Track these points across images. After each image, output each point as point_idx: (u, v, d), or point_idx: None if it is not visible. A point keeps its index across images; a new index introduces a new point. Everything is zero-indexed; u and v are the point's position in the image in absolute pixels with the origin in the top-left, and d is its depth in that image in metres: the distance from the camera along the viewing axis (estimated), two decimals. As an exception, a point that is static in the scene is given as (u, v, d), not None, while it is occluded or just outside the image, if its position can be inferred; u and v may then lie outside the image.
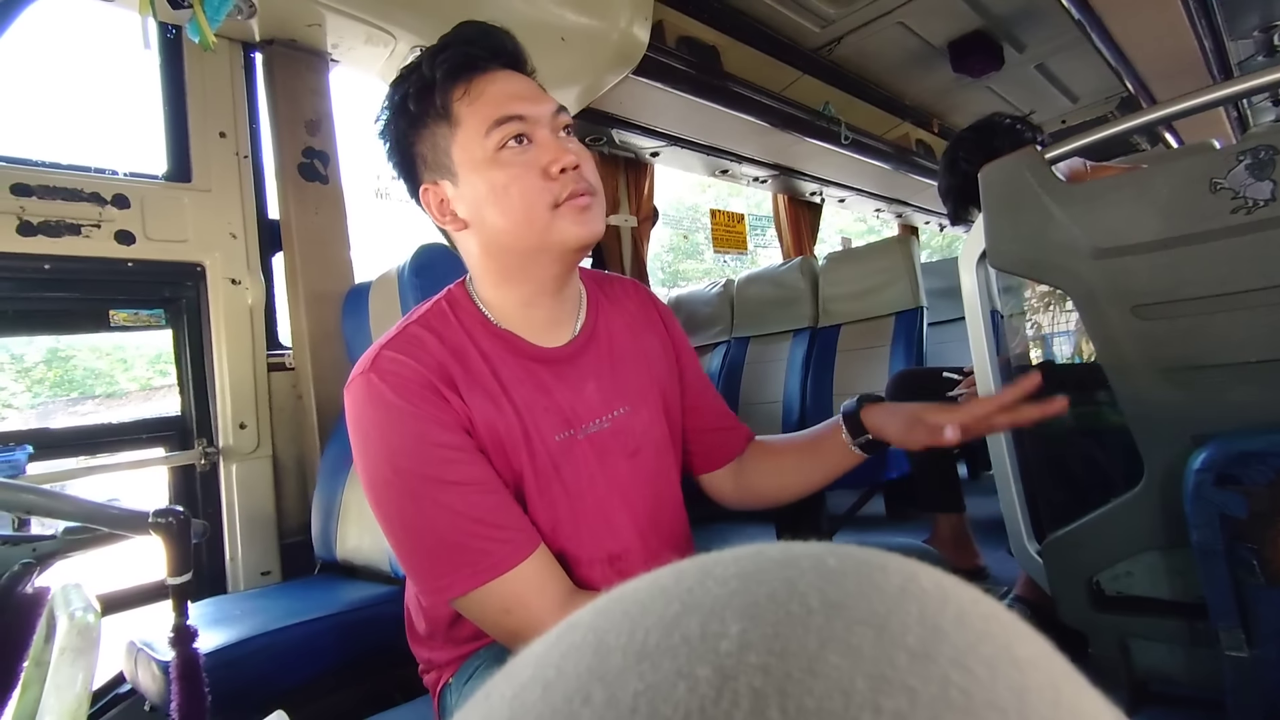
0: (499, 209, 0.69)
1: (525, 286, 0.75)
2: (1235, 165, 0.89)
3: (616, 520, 0.78)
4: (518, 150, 0.69)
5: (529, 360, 0.76)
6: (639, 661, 0.12)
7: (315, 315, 1.76)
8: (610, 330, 0.84)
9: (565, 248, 0.71)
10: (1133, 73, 2.97)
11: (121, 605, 1.50)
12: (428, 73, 0.70)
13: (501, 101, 0.69)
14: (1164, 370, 0.96)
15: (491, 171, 0.69)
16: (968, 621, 0.13)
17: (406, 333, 0.72)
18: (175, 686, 0.94)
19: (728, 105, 2.46)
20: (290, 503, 1.76)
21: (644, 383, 0.84)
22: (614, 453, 0.78)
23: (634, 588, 0.15)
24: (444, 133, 0.70)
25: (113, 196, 1.53)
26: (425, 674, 0.83)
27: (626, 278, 0.95)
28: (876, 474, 1.89)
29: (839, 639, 0.12)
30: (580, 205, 0.70)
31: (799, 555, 0.14)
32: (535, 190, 0.69)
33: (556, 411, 0.75)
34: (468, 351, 0.73)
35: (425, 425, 0.67)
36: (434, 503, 0.66)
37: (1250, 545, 0.82)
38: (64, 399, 9.18)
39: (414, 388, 0.67)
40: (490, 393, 0.72)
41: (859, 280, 2.47)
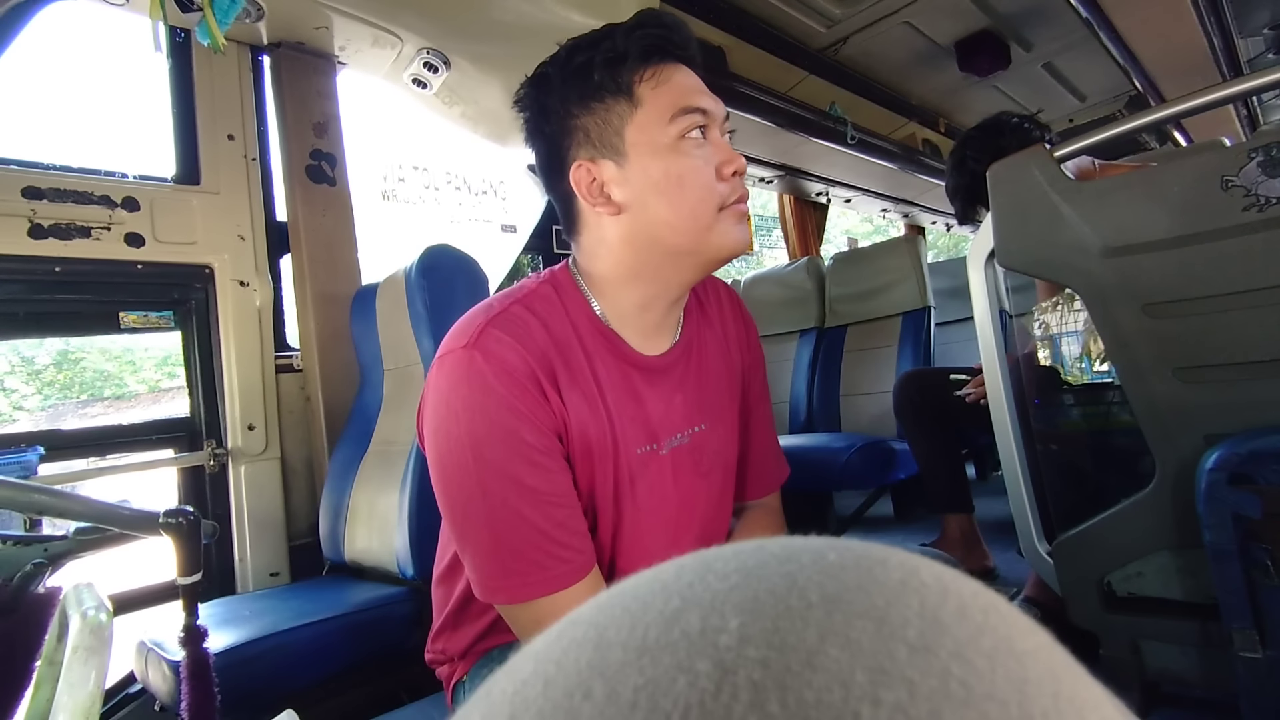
0: (668, 199, 0.67)
1: (653, 286, 0.72)
2: (1247, 163, 0.88)
3: (678, 539, 0.76)
4: (698, 143, 0.68)
5: (627, 365, 0.73)
6: (639, 656, 0.12)
7: (323, 317, 1.77)
8: (703, 342, 0.81)
9: (719, 252, 0.69)
10: (1141, 71, 2.95)
11: (132, 605, 1.51)
12: (621, 46, 0.67)
13: (688, 92, 0.68)
14: (1176, 369, 0.95)
15: (670, 159, 0.67)
16: (968, 615, 0.13)
17: (511, 312, 0.68)
18: (185, 686, 0.94)
19: (733, 106, 2.46)
20: (299, 504, 1.76)
21: (725, 400, 0.82)
22: (688, 471, 0.76)
23: (634, 584, 0.15)
24: (621, 111, 0.68)
25: (122, 199, 1.54)
26: (439, 666, 0.83)
27: (723, 282, 0.89)
28: (885, 475, 1.88)
29: (838, 632, 0.12)
30: (742, 212, 0.69)
31: (799, 550, 0.14)
32: (708, 187, 0.67)
33: (644, 423, 0.73)
34: (571, 344, 0.69)
35: (520, 421, 0.64)
36: (504, 502, 0.63)
37: (1265, 546, 0.81)
38: (73, 401, 9.25)
39: (517, 377, 0.64)
40: (588, 394, 0.69)
41: (866, 280, 2.46)
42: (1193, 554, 0.95)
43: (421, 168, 2.17)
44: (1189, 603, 0.96)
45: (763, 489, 0.89)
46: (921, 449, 1.81)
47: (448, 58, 1.86)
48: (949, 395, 1.72)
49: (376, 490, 1.50)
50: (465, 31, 1.81)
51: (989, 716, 0.11)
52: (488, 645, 0.77)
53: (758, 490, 0.89)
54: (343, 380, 1.76)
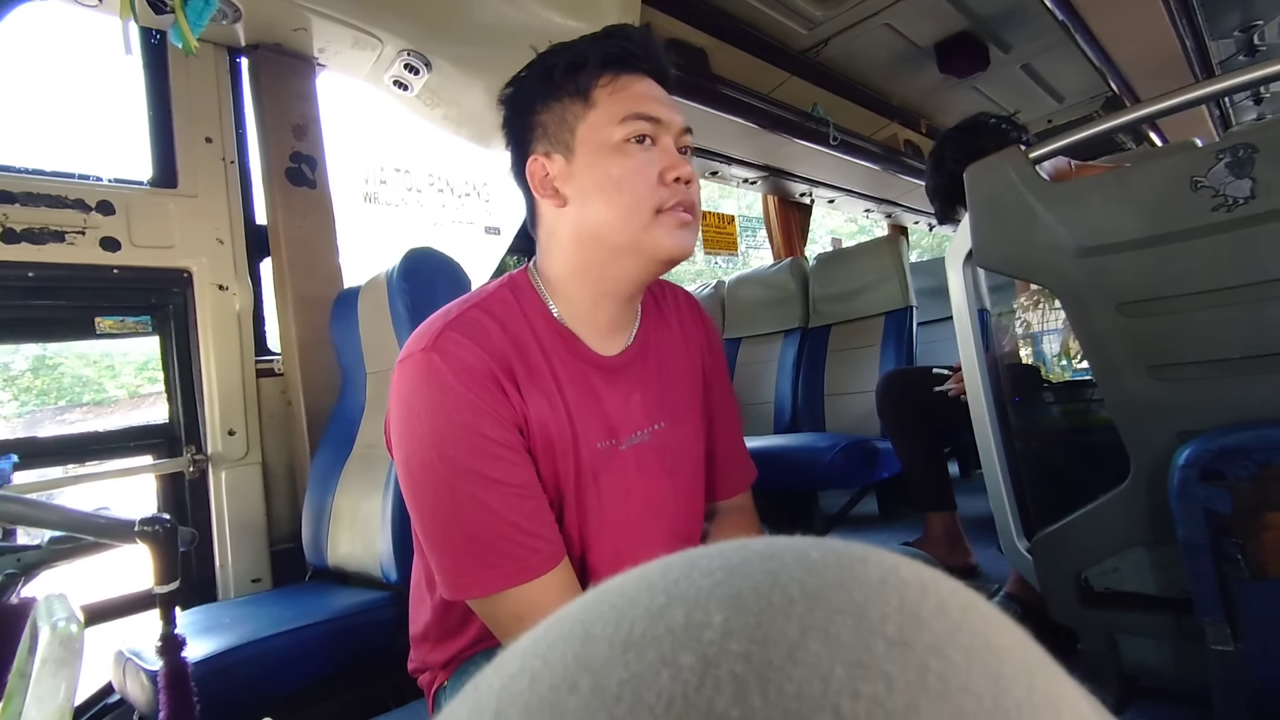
0: (606, 197, 0.70)
1: (600, 283, 0.74)
2: (1215, 164, 0.90)
3: (647, 535, 0.77)
4: (642, 148, 0.71)
5: (585, 363, 0.75)
6: (624, 651, 0.13)
7: (304, 321, 1.75)
8: (661, 343, 0.83)
9: (655, 255, 0.71)
10: (1116, 72, 3.00)
11: (110, 614, 1.49)
12: (584, 52, 0.72)
13: (641, 99, 0.72)
14: (1149, 367, 0.97)
15: (612, 158, 0.70)
16: (946, 611, 0.13)
17: (468, 315, 0.70)
18: (163, 696, 0.93)
19: (716, 107, 2.47)
20: (280, 509, 1.74)
21: (686, 399, 0.83)
22: (652, 469, 0.78)
23: (621, 581, 0.15)
24: (576, 110, 0.72)
25: (97, 203, 1.52)
26: (419, 675, 0.83)
27: (678, 286, 0.93)
28: (869, 474, 1.90)
29: (819, 627, 0.12)
30: (682, 219, 0.71)
31: (782, 548, 0.15)
32: (646, 189, 0.70)
33: (603, 419, 0.75)
34: (528, 343, 0.72)
35: (480, 417, 0.66)
36: (471, 497, 0.65)
37: (1235, 540, 0.82)
38: (51, 407, 9.09)
39: (476, 375, 0.66)
40: (547, 391, 0.71)
41: (849, 280, 2.48)
42: (1166, 549, 0.96)
43: (404, 170, 2.16)
44: (1164, 597, 0.98)
45: (731, 489, 0.91)
46: (904, 448, 1.83)
47: (429, 60, 1.85)
48: (931, 394, 1.74)
49: (359, 495, 1.49)
50: (446, 33, 1.80)
51: (965, 710, 0.11)
52: (469, 653, 0.77)
53: (727, 490, 0.90)
54: (324, 384, 1.75)
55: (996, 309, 1.43)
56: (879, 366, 2.24)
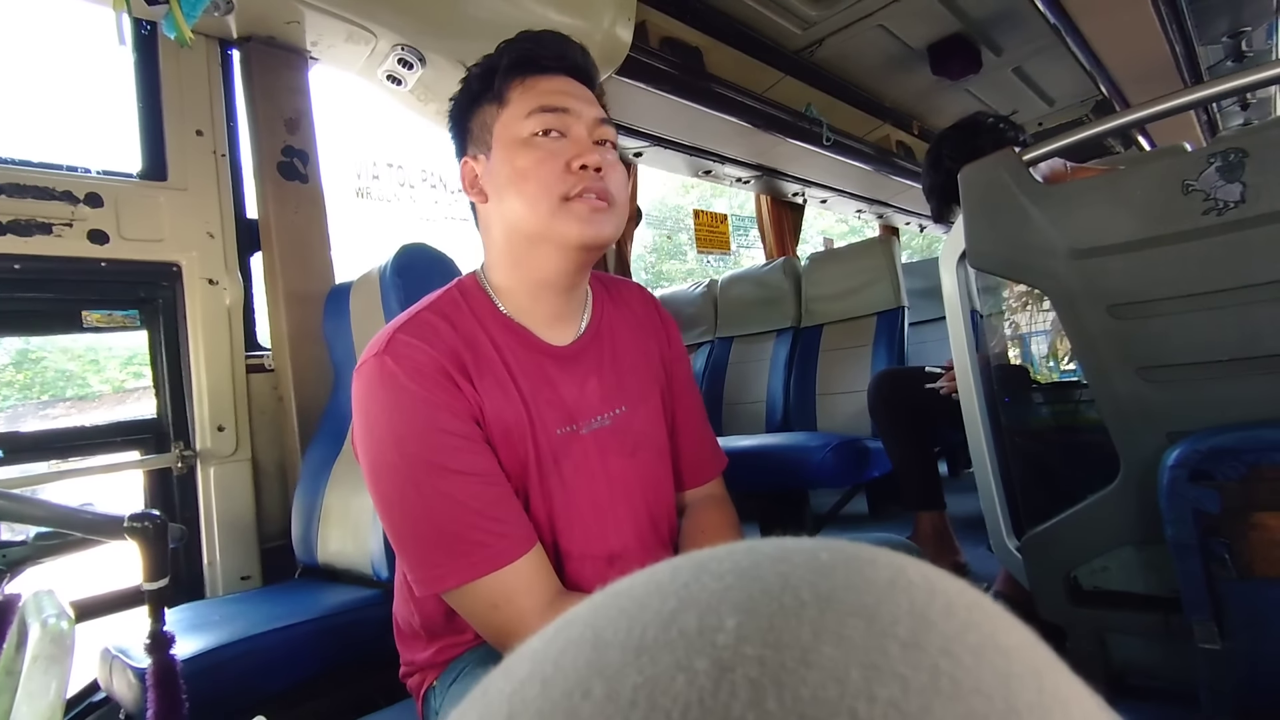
0: (515, 189, 0.72)
1: (531, 275, 0.76)
2: (1206, 168, 0.91)
3: (615, 519, 0.78)
4: (549, 140, 0.73)
5: (537, 353, 0.77)
6: (638, 656, 0.13)
7: (295, 316, 1.74)
8: (614, 329, 0.85)
9: (565, 241, 0.72)
10: (1107, 76, 3.03)
11: (96, 612, 1.47)
12: (494, 59, 0.76)
13: (549, 93, 0.74)
14: (1139, 369, 0.98)
15: (521, 152, 0.72)
16: (954, 612, 0.13)
17: (419, 318, 0.73)
18: (151, 694, 0.92)
19: (711, 106, 2.47)
20: (271, 506, 1.73)
21: (645, 383, 0.85)
22: (614, 451, 0.79)
23: (630, 584, 0.15)
24: (492, 111, 0.76)
25: (85, 195, 1.50)
26: (409, 676, 0.82)
27: (633, 282, 0.95)
28: (859, 473, 1.90)
29: (831, 630, 0.12)
30: (591, 204, 0.72)
31: (792, 551, 0.15)
32: (552, 177, 0.71)
33: (560, 405, 0.76)
34: (479, 339, 0.74)
35: (436, 411, 0.67)
36: (436, 491, 0.66)
37: (1223, 540, 0.83)
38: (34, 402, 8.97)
39: (427, 372, 0.68)
40: (500, 381, 0.73)
41: (841, 280, 2.49)
42: (1155, 549, 0.97)
43: (396, 165, 2.15)
44: (1152, 596, 0.99)
45: (701, 477, 0.92)
46: (895, 447, 1.84)
47: (423, 55, 1.84)
48: (922, 394, 1.75)
49: (350, 492, 1.48)
50: (441, 28, 1.79)
51: (976, 710, 0.11)
52: (455, 652, 0.76)
53: (696, 478, 0.91)
54: (315, 380, 1.74)
55: (986, 310, 1.44)
56: (870, 366, 2.25)
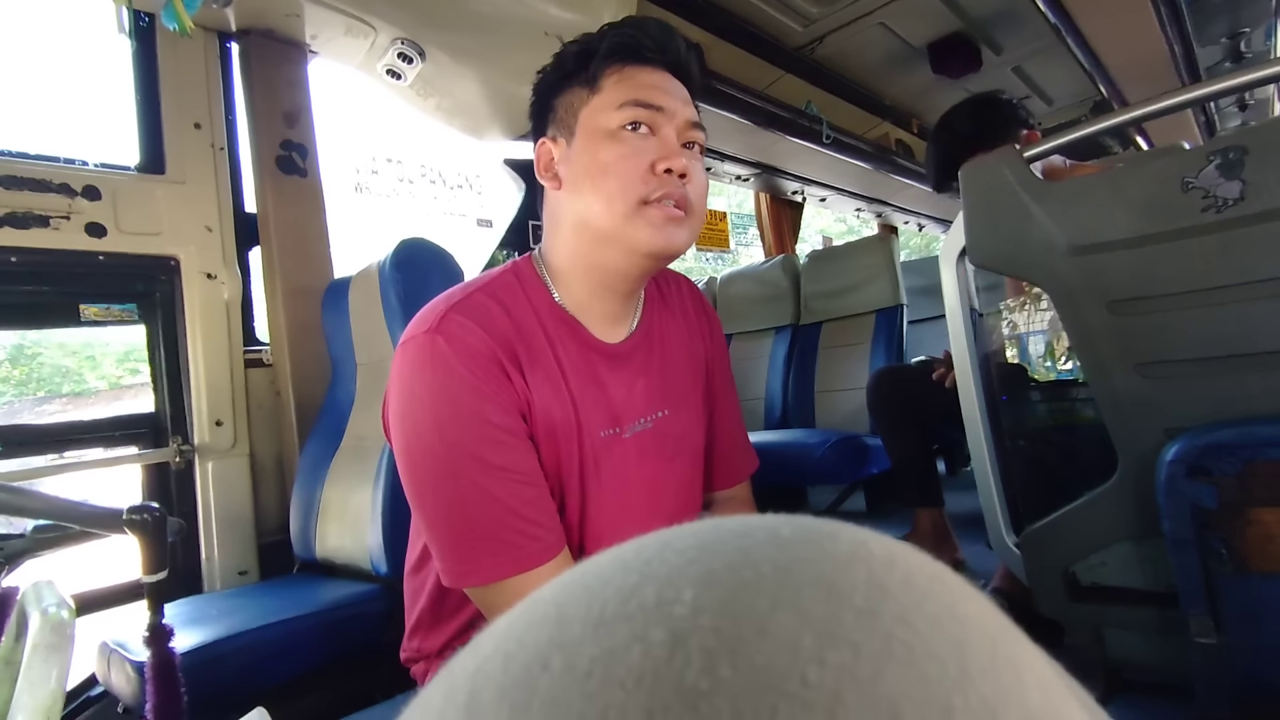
0: (594, 183, 0.70)
1: (594, 274, 0.74)
2: (1206, 165, 0.91)
3: (647, 524, 0.76)
4: (638, 136, 0.70)
5: (589, 350, 0.75)
6: (596, 629, 0.13)
7: (294, 310, 1.73)
8: (664, 330, 0.83)
9: (635, 247, 0.69)
10: (1106, 77, 3.03)
11: (93, 606, 1.47)
12: (594, 40, 0.73)
13: (644, 87, 0.71)
14: (1138, 365, 0.98)
15: (606, 144, 0.70)
16: (913, 582, 0.13)
17: (472, 299, 0.70)
18: (150, 687, 0.92)
19: (710, 103, 2.47)
20: (269, 501, 1.73)
21: (688, 386, 0.83)
22: (653, 455, 0.77)
23: (596, 563, 0.15)
24: (582, 95, 0.73)
25: (83, 188, 1.49)
26: (413, 664, 0.82)
27: (682, 275, 0.93)
28: (858, 470, 1.91)
29: (788, 601, 0.13)
30: (668, 213, 0.69)
31: (754, 526, 0.15)
32: (634, 177, 0.68)
33: (607, 407, 0.74)
34: (533, 330, 0.71)
35: (484, 401, 0.65)
36: (474, 484, 0.64)
37: (1219, 535, 0.84)
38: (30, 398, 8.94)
39: (480, 359, 0.66)
40: (551, 377, 0.71)
41: (840, 278, 2.49)
42: (1153, 544, 0.98)
43: (395, 160, 2.14)
44: (1149, 591, 1.00)
45: (731, 479, 0.90)
46: (894, 445, 1.84)
47: (423, 49, 1.84)
48: (921, 391, 1.75)
49: (349, 486, 1.48)
50: (441, 22, 1.78)
51: (929, 674, 0.12)
52: (463, 642, 0.76)
53: (725, 480, 0.90)
54: (314, 375, 1.73)
55: (985, 309, 1.44)
56: (869, 364, 2.26)
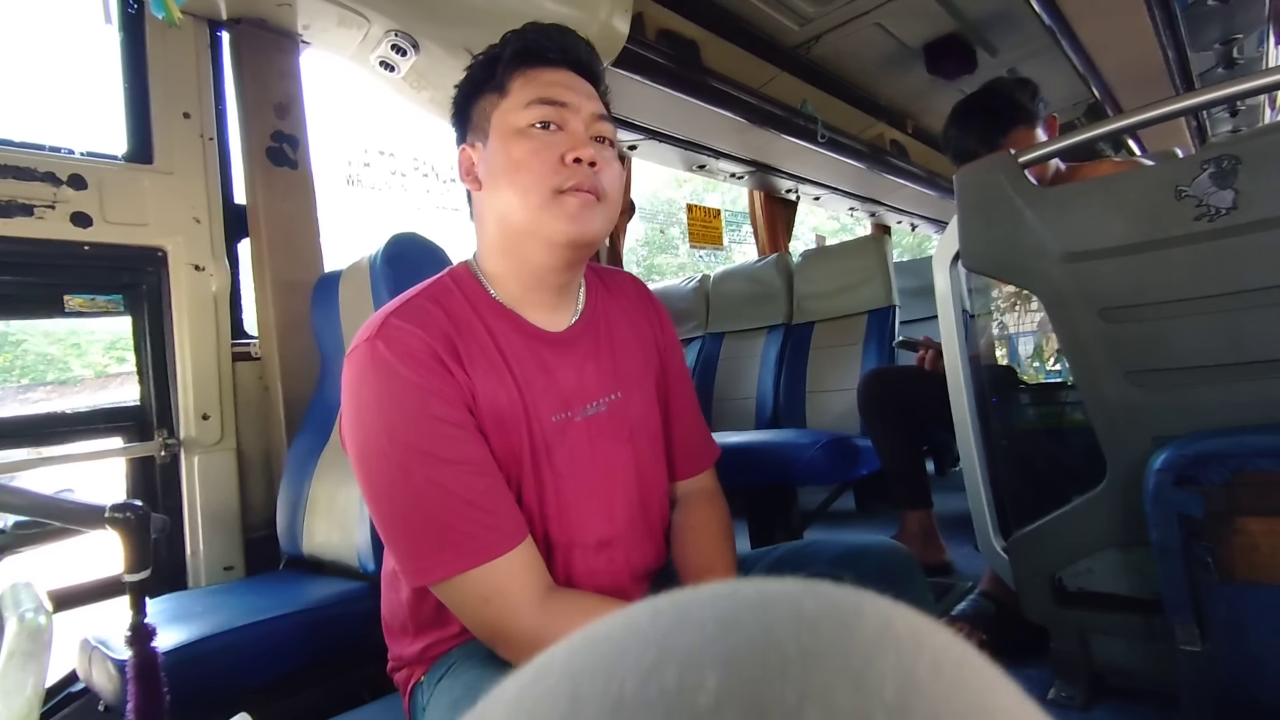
0: (509, 179, 0.72)
1: (523, 268, 0.76)
2: (1199, 173, 0.91)
3: (607, 506, 0.77)
4: (546, 132, 0.73)
5: (532, 339, 0.76)
6: (614, 713, 0.12)
7: (283, 304, 1.71)
8: (609, 315, 0.85)
9: (552, 237, 0.72)
10: (1100, 81, 3.05)
11: (75, 601, 1.45)
12: (499, 49, 0.77)
13: (549, 85, 0.74)
14: (1128, 372, 0.99)
15: (517, 142, 0.72)
16: (943, 671, 0.13)
17: (412, 304, 0.72)
18: (131, 687, 0.91)
19: (706, 100, 2.46)
20: (255, 496, 1.71)
21: (640, 369, 0.85)
22: (608, 437, 0.78)
23: (608, 628, 0.15)
24: (493, 100, 0.76)
25: (69, 177, 1.46)
26: (396, 671, 0.82)
27: (626, 272, 0.95)
28: (848, 471, 1.91)
29: (816, 694, 0.12)
30: (580, 200, 0.71)
31: (775, 599, 0.14)
32: (545, 169, 0.71)
33: (555, 392, 0.76)
34: (472, 324, 0.73)
35: (427, 397, 0.66)
36: (427, 479, 0.65)
37: (1206, 543, 0.84)
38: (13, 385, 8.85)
39: (420, 357, 0.67)
40: (494, 365, 0.72)
41: (833, 278, 2.49)
42: (1139, 551, 0.99)
43: (388, 153, 2.12)
44: (1135, 598, 1.00)
45: (695, 466, 0.91)
46: (884, 446, 1.85)
47: (416, 41, 1.82)
48: (912, 393, 1.76)
49: (337, 483, 1.46)
50: (435, 14, 1.77)
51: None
52: (444, 647, 0.76)
53: (689, 468, 0.91)
54: (303, 370, 1.72)
55: (976, 310, 1.44)
56: (861, 364, 2.26)
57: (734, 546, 0.84)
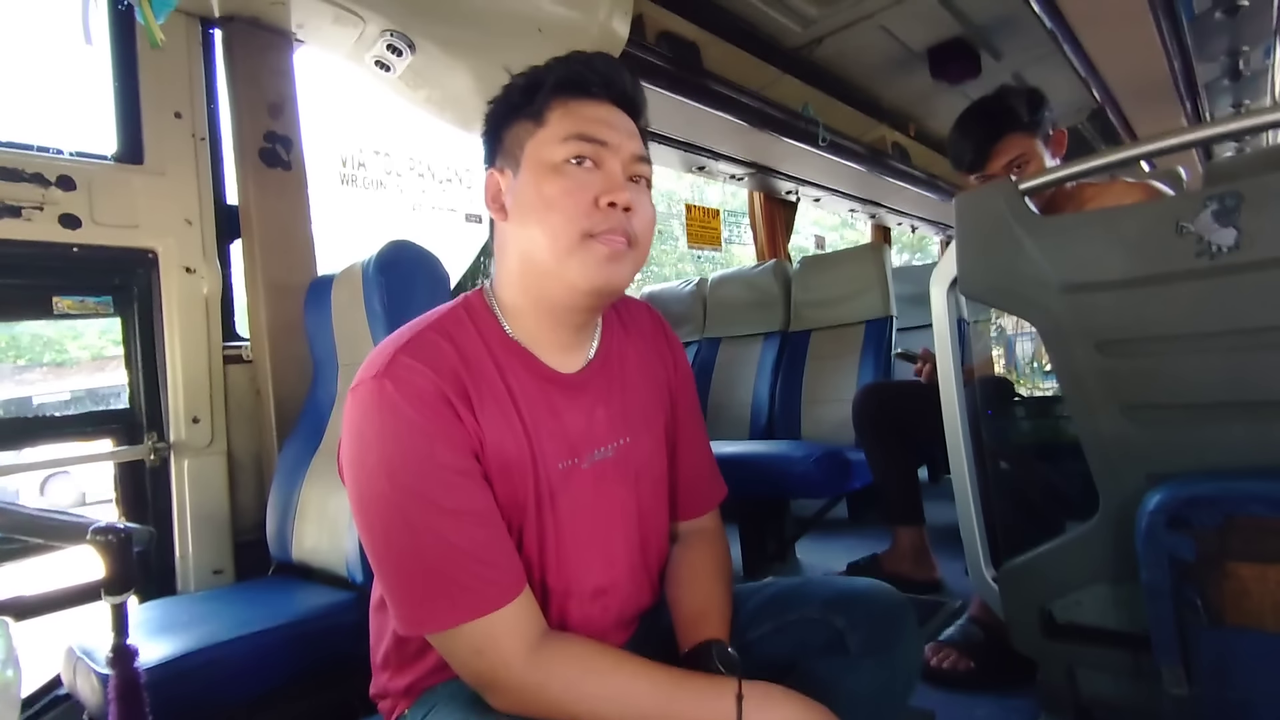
0: (538, 216, 0.69)
1: (541, 306, 0.73)
2: (1202, 210, 0.90)
3: (606, 553, 0.76)
4: (582, 170, 0.70)
5: (543, 381, 0.74)
6: None
7: (275, 307, 1.70)
8: (623, 355, 0.82)
9: (576, 284, 0.69)
10: (1104, 88, 3.02)
11: (62, 604, 1.44)
12: (540, 74, 0.74)
13: (589, 121, 0.71)
14: (1124, 407, 0.98)
15: (550, 178, 0.70)
16: None
17: (422, 337, 0.69)
18: (113, 708, 0.90)
19: (707, 103, 2.43)
20: (246, 500, 1.70)
21: (650, 412, 0.83)
22: (612, 482, 0.77)
23: None
24: (528, 128, 0.73)
25: (57, 178, 1.44)
26: (380, 701, 0.81)
27: (641, 302, 0.93)
28: (841, 484, 1.91)
29: None
30: (611, 246, 0.69)
31: None
32: (578, 211, 0.68)
33: (563, 437, 0.74)
34: (483, 363, 0.71)
35: (434, 443, 0.64)
36: (427, 528, 0.63)
37: (1196, 586, 0.84)
38: (10, 365, 8.82)
39: (428, 399, 0.65)
40: (504, 410, 0.70)
41: (831, 287, 2.48)
42: (1128, 587, 0.98)
43: (383, 152, 2.10)
44: (1123, 633, 1.00)
45: (698, 508, 0.89)
46: (878, 462, 1.84)
47: (412, 40, 1.79)
48: (907, 409, 1.75)
49: (327, 490, 1.45)
50: (431, 13, 1.74)
51: None
52: (429, 681, 0.75)
53: (692, 509, 0.89)
54: (295, 374, 1.70)
55: (974, 317, 1.43)
56: (858, 375, 2.25)
57: (730, 591, 0.82)
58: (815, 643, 0.77)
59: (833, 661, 0.75)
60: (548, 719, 0.63)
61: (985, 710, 1.26)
